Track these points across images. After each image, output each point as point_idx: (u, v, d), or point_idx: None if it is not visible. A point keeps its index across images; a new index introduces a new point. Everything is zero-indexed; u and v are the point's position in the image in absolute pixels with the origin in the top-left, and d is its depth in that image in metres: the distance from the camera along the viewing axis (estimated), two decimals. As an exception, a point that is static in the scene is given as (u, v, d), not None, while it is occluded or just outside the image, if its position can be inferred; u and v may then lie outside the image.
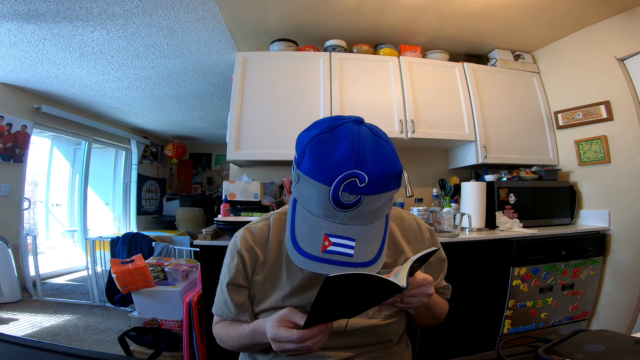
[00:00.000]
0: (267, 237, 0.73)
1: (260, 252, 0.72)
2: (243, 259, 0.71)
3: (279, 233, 0.73)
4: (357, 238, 0.54)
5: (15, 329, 2.32)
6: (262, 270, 0.71)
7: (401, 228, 0.76)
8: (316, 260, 0.53)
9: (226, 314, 0.72)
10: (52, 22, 2.00)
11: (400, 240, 0.74)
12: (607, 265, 1.91)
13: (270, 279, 0.70)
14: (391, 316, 0.70)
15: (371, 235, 0.55)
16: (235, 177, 2.30)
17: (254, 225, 0.76)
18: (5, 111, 3.05)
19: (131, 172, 5.00)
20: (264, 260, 0.71)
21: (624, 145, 1.87)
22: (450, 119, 2.09)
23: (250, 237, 0.73)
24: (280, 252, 0.72)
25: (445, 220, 1.70)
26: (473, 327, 1.67)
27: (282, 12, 1.92)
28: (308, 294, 0.68)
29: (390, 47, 2.15)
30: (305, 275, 0.69)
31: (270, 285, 0.70)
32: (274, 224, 0.74)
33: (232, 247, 0.74)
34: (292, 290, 0.68)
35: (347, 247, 0.53)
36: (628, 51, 1.84)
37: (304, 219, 0.56)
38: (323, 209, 0.53)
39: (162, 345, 1.81)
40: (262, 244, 0.72)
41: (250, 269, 0.71)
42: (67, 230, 4.18)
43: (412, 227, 0.77)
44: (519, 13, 1.91)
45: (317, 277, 0.68)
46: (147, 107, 3.87)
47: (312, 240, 0.54)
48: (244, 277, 0.71)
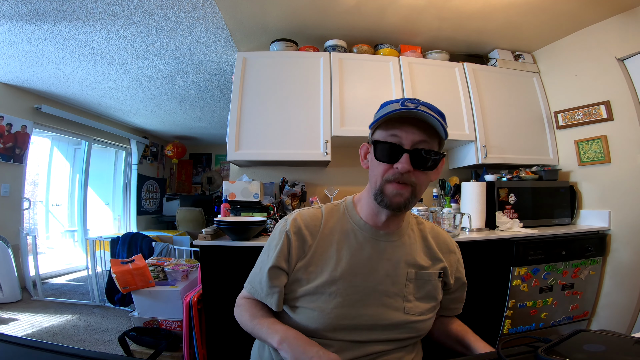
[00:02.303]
0: (319, 223, 0.77)
1: (309, 236, 0.75)
2: (289, 241, 0.74)
3: (330, 220, 0.78)
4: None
5: (15, 329, 2.32)
6: (309, 254, 0.74)
7: (436, 241, 0.83)
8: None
9: (257, 292, 0.75)
10: (52, 22, 2.00)
11: (436, 250, 0.81)
12: (607, 265, 1.91)
13: (318, 263, 0.73)
14: (424, 313, 0.75)
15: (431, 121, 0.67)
16: (235, 177, 2.30)
17: (306, 210, 0.80)
18: (5, 111, 3.05)
19: (131, 172, 5.00)
20: (311, 244, 0.75)
21: (624, 145, 1.87)
22: (450, 119, 2.06)
23: (301, 221, 0.77)
24: (331, 238, 0.76)
25: (445, 220, 1.70)
26: (473, 327, 1.66)
27: (282, 12, 1.92)
28: (354, 281, 0.72)
29: (390, 47, 2.15)
30: (353, 263, 0.73)
31: (317, 269, 0.73)
32: (326, 212, 0.80)
33: (281, 227, 0.78)
34: (339, 277, 0.71)
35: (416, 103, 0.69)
36: (628, 51, 1.84)
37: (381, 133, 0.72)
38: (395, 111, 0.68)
39: (162, 345, 1.81)
40: (312, 228, 0.76)
41: (295, 253, 0.74)
42: (67, 230, 4.18)
43: (446, 240, 0.85)
44: (519, 13, 1.91)
45: (364, 264, 0.73)
46: (147, 107, 3.87)
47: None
48: (286, 259, 0.74)
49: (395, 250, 0.76)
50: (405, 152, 0.67)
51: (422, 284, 0.76)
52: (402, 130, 0.68)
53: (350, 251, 0.74)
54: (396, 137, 0.69)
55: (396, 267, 0.75)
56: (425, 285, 0.77)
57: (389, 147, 0.69)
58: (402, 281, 0.74)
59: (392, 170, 0.69)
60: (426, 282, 0.77)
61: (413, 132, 0.68)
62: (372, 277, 0.73)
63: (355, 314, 0.70)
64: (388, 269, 0.74)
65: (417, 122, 0.68)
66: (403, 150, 0.68)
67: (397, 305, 0.73)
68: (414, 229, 0.82)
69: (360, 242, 0.75)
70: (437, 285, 0.78)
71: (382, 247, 0.76)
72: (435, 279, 0.78)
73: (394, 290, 0.73)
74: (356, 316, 0.70)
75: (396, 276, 0.74)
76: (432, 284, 0.77)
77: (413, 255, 0.77)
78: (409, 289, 0.74)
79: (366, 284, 0.72)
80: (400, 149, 0.68)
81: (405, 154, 0.67)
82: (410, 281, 0.75)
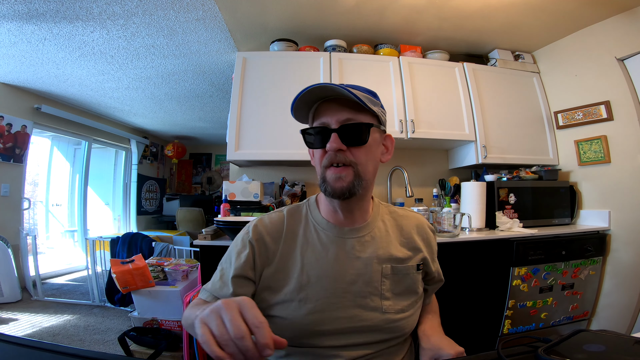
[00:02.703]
0: (282, 227, 0.74)
1: (271, 242, 0.72)
2: (254, 249, 0.71)
3: (292, 223, 0.75)
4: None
5: (15, 329, 2.32)
6: (275, 261, 0.71)
7: (413, 228, 0.79)
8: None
9: (218, 296, 0.69)
10: (52, 22, 2.00)
11: (415, 238, 0.78)
12: (607, 265, 1.91)
13: (285, 269, 0.70)
14: (404, 310, 0.71)
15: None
16: (235, 177, 2.30)
17: (267, 216, 0.77)
18: (5, 111, 3.05)
19: (131, 172, 5.00)
20: (275, 250, 0.72)
21: (624, 145, 1.87)
22: (450, 119, 2.09)
23: (262, 227, 0.74)
24: (295, 242, 0.73)
25: (445, 220, 1.70)
26: (473, 327, 1.67)
27: (282, 12, 1.92)
28: (323, 285, 0.68)
29: (390, 47, 2.15)
30: (319, 266, 0.70)
31: (284, 275, 0.70)
32: (288, 215, 0.76)
33: (243, 235, 0.74)
34: (307, 282, 0.69)
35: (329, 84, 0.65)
36: (628, 51, 1.84)
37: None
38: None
39: (162, 345, 1.81)
40: (274, 234, 0.73)
41: (260, 262, 0.71)
42: (67, 230, 4.18)
43: (423, 226, 0.82)
44: (519, 13, 1.91)
45: (331, 266, 0.70)
46: (147, 107, 3.87)
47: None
48: (252, 268, 0.70)
49: (364, 246, 0.72)
50: (333, 132, 0.66)
51: (399, 278, 0.72)
52: (328, 115, 0.67)
53: (315, 254, 0.71)
54: (323, 122, 0.68)
55: (368, 265, 0.71)
56: (404, 280, 0.73)
57: (316, 131, 0.68)
58: (376, 278, 0.70)
59: (327, 154, 0.67)
60: (404, 276, 0.73)
61: (338, 111, 0.67)
62: (342, 278, 0.69)
63: (330, 318, 0.67)
64: (359, 268, 0.70)
65: (343, 102, 0.67)
66: (330, 131, 0.66)
67: (374, 304, 0.69)
68: (385, 220, 0.78)
69: (325, 243, 0.72)
70: (417, 278, 0.75)
71: (349, 245, 0.72)
72: (413, 272, 0.74)
73: (369, 289, 0.69)
74: (332, 321, 0.67)
75: (369, 274, 0.70)
76: (411, 277, 0.74)
77: (387, 249, 0.73)
78: (385, 286, 0.71)
79: (336, 285, 0.68)
80: (327, 131, 0.67)
81: (333, 134, 0.66)
82: (386, 277, 0.71)
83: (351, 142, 0.66)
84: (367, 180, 0.69)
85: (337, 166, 0.66)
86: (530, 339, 0.54)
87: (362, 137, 0.67)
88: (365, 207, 0.75)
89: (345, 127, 0.66)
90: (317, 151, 0.70)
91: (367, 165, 0.68)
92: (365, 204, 0.74)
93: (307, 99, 0.68)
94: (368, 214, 0.75)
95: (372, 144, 0.69)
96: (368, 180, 0.69)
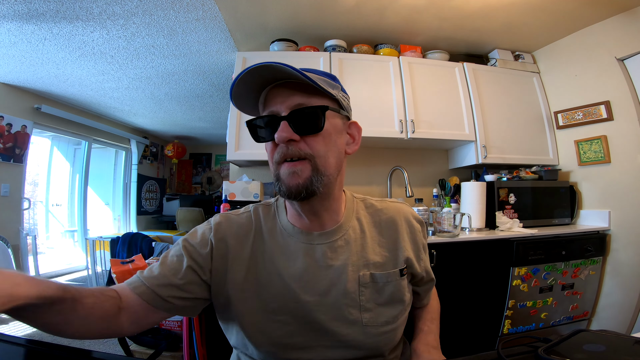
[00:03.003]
0: (249, 229, 0.65)
1: (234, 247, 0.63)
2: (213, 249, 0.62)
3: (259, 225, 0.66)
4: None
5: (15, 329, 2.32)
6: (235, 268, 0.62)
7: (394, 223, 0.69)
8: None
9: (154, 279, 0.58)
10: (52, 22, 2.00)
11: (396, 236, 0.67)
12: (607, 265, 1.91)
13: (249, 278, 0.62)
14: (389, 322, 0.62)
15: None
16: (235, 177, 2.30)
17: (234, 214, 0.68)
18: (5, 111, 3.04)
19: (131, 172, 5.00)
20: (237, 256, 0.62)
21: (624, 145, 1.87)
22: (450, 119, 2.09)
23: (227, 226, 0.65)
24: (261, 248, 0.64)
25: (445, 220, 1.70)
26: (473, 327, 1.67)
27: (282, 12, 1.92)
28: (294, 297, 0.59)
29: (390, 47, 2.15)
30: (288, 276, 0.60)
31: (250, 286, 0.61)
32: (255, 215, 0.68)
33: (205, 229, 0.65)
34: (277, 294, 0.60)
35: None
36: (628, 51, 1.84)
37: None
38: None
39: (162, 345, 1.81)
40: (238, 238, 0.64)
41: (216, 264, 0.62)
42: (67, 230, 4.18)
43: (407, 217, 0.71)
44: (519, 13, 1.91)
45: (299, 277, 0.60)
46: (147, 107, 3.87)
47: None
48: (209, 270, 0.61)
49: (337, 253, 0.62)
50: (282, 120, 0.56)
51: (381, 287, 0.62)
52: (277, 101, 0.58)
53: (283, 262, 0.61)
54: (272, 110, 0.58)
55: (342, 274, 0.61)
56: (386, 288, 0.63)
57: (265, 121, 0.59)
58: (353, 289, 0.61)
59: (278, 147, 0.58)
60: (386, 284, 0.63)
61: (288, 97, 0.57)
62: (313, 290, 0.60)
63: (301, 332, 0.59)
64: (332, 278, 0.61)
65: (293, 87, 0.57)
66: (279, 119, 0.56)
67: (353, 318, 0.60)
68: (361, 218, 0.68)
69: (292, 251, 0.62)
70: (402, 284, 0.65)
71: (319, 252, 0.62)
72: (396, 278, 0.64)
73: (345, 301, 0.60)
74: (303, 334, 0.59)
75: (344, 284, 0.60)
76: (394, 284, 0.63)
77: (363, 254, 0.63)
78: (364, 296, 0.61)
79: (307, 298, 0.59)
80: (277, 119, 0.57)
81: (282, 122, 0.56)
82: (365, 286, 0.61)
83: (305, 130, 0.56)
84: (329, 175, 0.59)
85: (291, 161, 0.57)
86: (530, 339, 0.54)
87: (317, 123, 0.57)
88: (335, 207, 0.64)
89: (296, 113, 0.56)
90: (267, 145, 0.60)
91: (327, 157, 0.58)
92: (334, 203, 0.64)
93: (252, 85, 0.58)
94: (339, 215, 0.65)
95: (332, 131, 0.60)
96: (330, 175, 0.59)
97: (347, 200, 0.69)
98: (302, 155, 0.56)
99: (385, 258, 0.65)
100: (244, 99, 0.60)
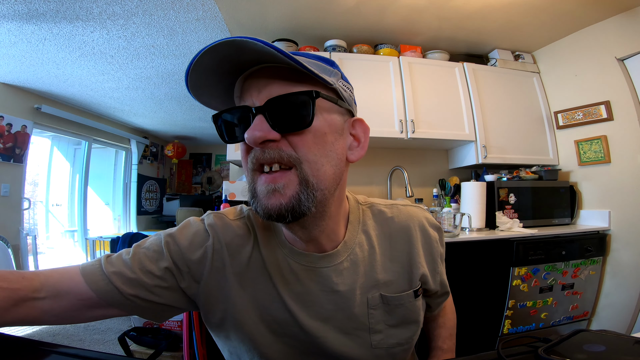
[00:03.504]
0: (248, 240, 0.55)
1: (228, 258, 0.53)
2: (207, 257, 0.52)
3: (257, 239, 0.55)
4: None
5: (15, 328, 2.32)
6: (233, 279, 0.53)
7: (408, 233, 0.59)
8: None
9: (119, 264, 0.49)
10: (52, 22, 2.00)
11: (410, 249, 0.58)
12: (607, 265, 1.91)
13: (250, 295, 0.53)
14: (402, 343, 0.55)
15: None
16: (235, 177, 2.30)
17: (230, 218, 0.57)
18: (5, 111, 3.04)
19: (131, 172, 5.00)
20: (233, 268, 0.53)
21: (624, 145, 1.87)
22: (450, 119, 2.09)
23: (222, 232, 0.54)
24: (258, 267, 0.54)
25: (445, 220, 1.70)
26: (473, 327, 1.67)
27: (282, 12, 1.92)
28: (297, 323, 0.52)
29: (390, 47, 2.15)
30: (290, 301, 0.52)
31: (251, 305, 0.53)
32: (250, 222, 0.57)
33: (199, 230, 0.54)
34: (277, 319, 0.52)
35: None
36: (628, 51, 1.84)
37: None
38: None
39: (162, 345, 1.81)
40: (235, 249, 0.54)
41: (210, 275, 0.52)
42: (67, 230, 4.18)
43: (422, 225, 0.61)
44: (519, 13, 1.91)
45: (302, 301, 0.52)
46: (147, 107, 3.87)
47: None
48: (192, 279, 0.52)
49: (343, 276, 0.53)
50: (255, 114, 0.42)
51: (392, 308, 0.55)
52: (252, 91, 0.44)
53: (283, 285, 0.52)
54: (247, 102, 0.45)
55: (348, 299, 0.53)
56: (398, 310, 0.55)
57: (237, 116, 0.45)
58: (361, 312, 0.53)
59: (251, 151, 0.44)
60: (398, 306, 0.55)
61: (266, 86, 0.43)
62: (317, 315, 0.52)
63: (308, 358, 0.53)
64: (338, 302, 0.52)
65: (274, 74, 0.44)
66: (252, 113, 0.43)
67: (361, 341, 0.53)
68: (369, 231, 0.57)
69: (293, 273, 0.52)
70: (416, 305, 0.57)
71: (323, 275, 0.52)
72: (410, 300, 0.56)
73: (352, 325, 0.53)
74: (316, 358, 0.53)
75: (350, 309, 0.53)
76: (407, 306, 0.56)
77: (372, 274, 0.54)
78: (374, 318, 0.54)
79: (310, 324, 0.52)
80: (248, 112, 0.43)
81: (256, 116, 0.42)
82: (374, 308, 0.54)
83: (286, 126, 0.42)
84: (324, 189, 0.45)
85: (270, 171, 0.44)
86: (530, 339, 0.54)
87: (302, 115, 0.42)
88: (332, 228, 0.52)
89: (273, 103, 0.42)
90: (241, 147, 0.47)
91: (319, 163, 0.44)
92: (331, 223, 0.51)
93: (218, 71, 0.44)
94: (339, 236, 0.54)
95: (326, 129, 0.45)
96: (325, 189, 0.45)
97: (351, 210, 0.57)
98: (285, 160, 0.43)
99: (398, 275, 0.56)
100: (209, 89, 0.46)
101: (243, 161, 0.47)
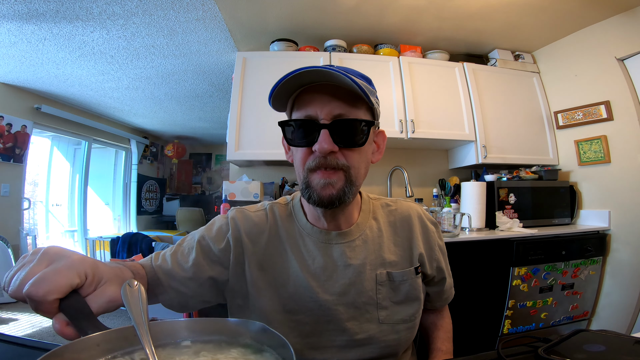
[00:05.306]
0: (264, 228, 0.65)
1: (249, 244, 0.63)
2: (230, 246, 0.63)
3: (275, 224, 0.66)
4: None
5: (15, 329, 2.32)
6: (253, 264, 0.62)
7: (409, 222, 0.70)
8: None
9: (171, 262, 0.61)
10: (52, 22, 2.00)
11: (410, 235, 0.68)
12: (607, 265, 1.91)
13: (264, 278, 0.62)
14: (406, 320, 0.63)
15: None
16: (235, 177, 2.30)
17: (250, 211, 0.68)
18: (5, 111, 3.05)
19: (131, 172, 5.00)
20: (252, 255, 0.63)
21: (624, 145, 1.87)
22: (450, 119, 2.09)
23: (242, 223, 0.65)
24: (278, 248, 0.64)
25: (445, 220, 1.70)
26: (473, 327, 1.67)
27: (282, 12, 1.92)
28: (312, 297, 0.60)
29: (390, 47, 2.15)
30: (305, 276, 0.61)
31: (267, 285, 0.62)
32: (271, 214, 0.68)
33: (223, 224, 0.65)
34: (295, 294, 0.60)
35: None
36: (628, 51, 1.84)
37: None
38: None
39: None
40: (254, 236, 0.64)
41: (233, 261, 0.63)
42: (67, 230, 4.18)
43: (420, 217, 0.72)
44: (519, 13, 1.91)
45: (318, 276, 0.61)
46: (147, 107, 3.87)
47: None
48: (226, 267, 0.63)
49: (355, 252, 0.63)
50: (322, 128, 0.54)
51: (397, 285, 0.64)
52: (315, 105, 0.55)
53: (302, 262, 0.62)
54: (309, 114, 0.56)
55: (360, 273, 0.62)
56: (402, 287, 0.64)
57: (301, 124, 0.56)
58: (370, 287, 0.62)
59: (313, 154, 0.56)
60: (402, 282, 0.64)
61: (330, 103, 0.54)
62: (333, 289, 0.61)
63: (320, 331, 0.61)
64: (350, 277, 0.62)
65: (332, 91, 0.55)
66: (320, 126, 0.54)
67: (370, 316, 0.61)
68: (378, 218, 0.69)
69: (311, 250, 0.63)
70: (417, 282, 0.66)
71: (337, 252, 0.63)
72: (412, 277, 0.65)
73: (363, 299, 0.61)
74: (322, 334, 0.61)
75: (361, 283, 0.62)
76: (410, 283, 0.64)
77: (380, 253, 0.64)
78: (381, 294, 0.62)
79: (326, 297, 0.60)
80: (315, 125, 0.54)
81: (323, 130, 0.53)
82: (381, 285, 0.63)
83: (345, 143, 0.55)
84: (358, 185, 0.60)
85: (325, 169, 0.56)
86: (530, 339, 0.54)
87: (360, 138, 0.56)
88: (350, 211, 0.65)
89: (338, 124, 0.54)
90: (299, 150, 0.58)
91: (359, 168, 0.59)
92: (350, 207, 0.64)
93: (290, 85, 0.55)
94: (353, 217, 0.66)
95: (368, 147, 0.61)
96: (359, 185, 0.60)
97: (363, 201, 0.69)
98: (339, 166, 0.56)
99: (401, 257, 0.66)
100: (279, 99, 0.58)
101: (300, 159, 0.58)
